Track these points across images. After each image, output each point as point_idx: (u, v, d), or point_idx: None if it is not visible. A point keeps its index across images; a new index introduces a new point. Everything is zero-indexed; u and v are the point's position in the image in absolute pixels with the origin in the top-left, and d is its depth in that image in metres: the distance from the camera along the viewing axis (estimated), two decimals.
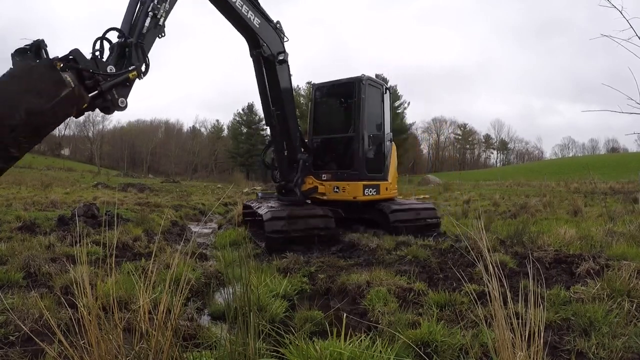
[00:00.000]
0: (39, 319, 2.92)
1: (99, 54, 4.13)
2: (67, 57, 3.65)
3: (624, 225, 7.41)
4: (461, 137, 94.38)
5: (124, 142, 71.90)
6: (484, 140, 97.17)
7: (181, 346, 2.13)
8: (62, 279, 3.93)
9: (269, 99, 7.51)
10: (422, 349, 2.73)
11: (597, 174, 32.82)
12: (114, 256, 2.39)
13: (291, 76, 7.66)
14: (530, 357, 1.87)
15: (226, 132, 78.16)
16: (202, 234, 9.60)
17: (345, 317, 2.41)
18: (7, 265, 4.55)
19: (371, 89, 8.23)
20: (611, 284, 3.68)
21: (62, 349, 1.89)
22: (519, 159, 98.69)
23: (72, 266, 3.63)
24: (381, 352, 2.35)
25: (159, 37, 4.86)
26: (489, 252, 2.04)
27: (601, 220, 9.19)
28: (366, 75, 8.13)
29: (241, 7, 6.36)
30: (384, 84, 8.92)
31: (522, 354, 1.85)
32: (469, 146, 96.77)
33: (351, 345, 2.31)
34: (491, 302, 2.01)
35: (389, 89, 9.07)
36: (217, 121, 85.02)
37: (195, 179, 58.12)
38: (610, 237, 6.21)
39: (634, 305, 3.32)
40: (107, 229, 6.45)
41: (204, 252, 6.61)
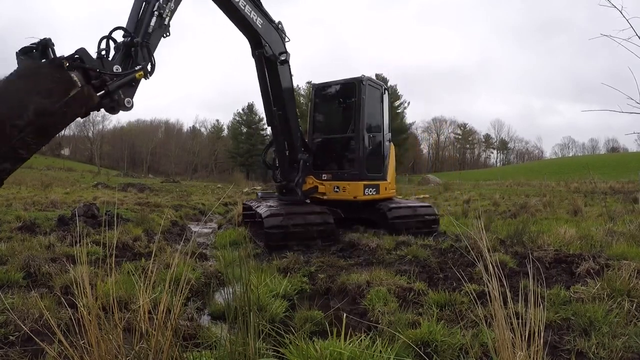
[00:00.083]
0: (39, 318, 2.92)
1: (104, 54, 4.10)
2: (73, 57, 3.58)
3: (624, 225, 7.42)
4: (461, 137, 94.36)
5: (124, 142, 71.90)
6: (484, 140, 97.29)
7: (181, 346, 2.12)
8: (62, 279, 3.93)
9: (271, 99, 7.54)
10: (422, 348, 2.73)
11: (597, 174, 32.76)
12: (114, 256, 2.39)
13: (292, 76, 7.69)
14: (530, 357, 1.86)
15: (226, 132, 78.21)
16: (202, 234, 9.60)
17: (345, 317, 2.40)
18: (7, 265, 4.55)
19: (371, 90, 8.27)
20: (611, 284, 3.68)
21: (62, 348, 1.89)
22: (519, 159, 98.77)
23: (72, 266, 3.64)
24: (381, 352, 2.35)
25: (164, 37, 4.82)
26: (489, 251, 2.04)
27: (601, 220, 9.20)
28: (366, 75, 8.16)
29: (244, 8, 6.36)
30: (383, 85, 8.96)
31: (522, 354, 1.85)
32: (469, 146, 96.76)
33: (351, 345, 2.31)
34: (491, 302, 2.01)
35: (388, 90, 9.11)
36: (217, 121, 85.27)
37: (195, 179, 58.14)
38: (610, 237, 6.22)
39: (634, 305, 3.32)
40: (107, 229, 6.44)
41: (204, 252, 6.62)
